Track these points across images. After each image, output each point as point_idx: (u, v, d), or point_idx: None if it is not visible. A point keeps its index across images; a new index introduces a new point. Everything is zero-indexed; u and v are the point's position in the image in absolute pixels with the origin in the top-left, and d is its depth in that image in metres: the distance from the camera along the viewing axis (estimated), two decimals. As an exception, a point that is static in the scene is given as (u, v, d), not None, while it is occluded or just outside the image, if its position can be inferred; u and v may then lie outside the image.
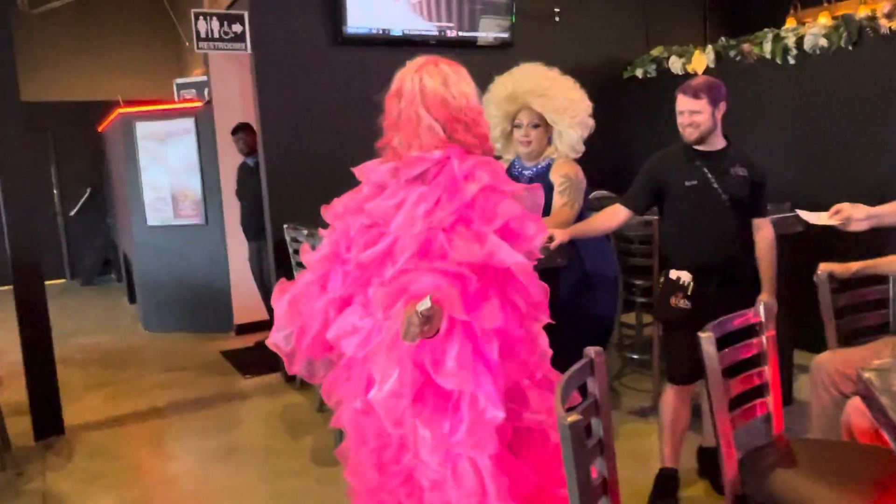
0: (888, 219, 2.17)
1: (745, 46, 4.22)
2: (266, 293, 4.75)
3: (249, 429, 3.67)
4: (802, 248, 3.27)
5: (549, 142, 3.06)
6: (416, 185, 1.76)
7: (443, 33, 4.46)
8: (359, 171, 1.95)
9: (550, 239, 2.58)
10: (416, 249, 1.63)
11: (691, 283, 2.48)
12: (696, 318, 2.27)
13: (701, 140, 2.56)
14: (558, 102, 2.97)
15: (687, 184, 2.54)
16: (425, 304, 1.46)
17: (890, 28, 3.55)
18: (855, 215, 2.11)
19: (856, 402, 1.73)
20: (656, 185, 2.63)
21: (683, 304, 2.47)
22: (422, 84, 1.88)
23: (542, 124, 2.99)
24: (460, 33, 4.52)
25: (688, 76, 4.49)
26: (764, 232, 2.57)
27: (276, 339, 1.90)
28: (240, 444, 3.44)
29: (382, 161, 1.90)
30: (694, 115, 2.55)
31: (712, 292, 2.45)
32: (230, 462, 3.25)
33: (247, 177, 4.87)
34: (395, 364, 1.60)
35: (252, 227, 4.85)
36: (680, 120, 2.60)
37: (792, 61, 4.01)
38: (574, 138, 3.03)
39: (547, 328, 2.49)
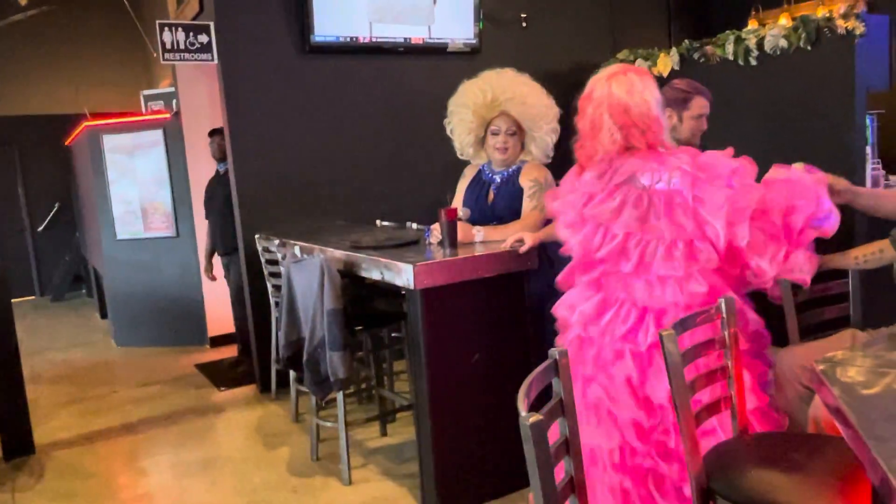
0: (863, 199, 2.25)
1: (709, 48, 4.29)
2: (242, 309, 4.62)
3: (225, 441, 3.64)
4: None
5: (522, 147, 3.09)
6: (625, 188, 2.07)
7: (409, 40, 4.47)
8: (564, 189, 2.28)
9: (521, 243, 2.62)
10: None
11: None
12: None
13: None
14: (537, 109, 3.01)
15: None
16: None
17: (846, 28, 3.63)
18: (837, 185, 2.17)
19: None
20: None
21: None
22: (609, 91, 2.10)
23: (518, 131, 3.02)
24: (429, 40, 4.54)
25: (655, 78, 4.55)
26: None
27: None
28: (215, 458, 3.41)
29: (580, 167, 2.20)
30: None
31: None
32: (206, 476, 3.22)
33: (218, 187, 4.73)
34: None
35: (227, 239, 4.61)
36: (699, 123, 2.83)
37: (754, 62, 4.08)
38: (548, 144, 3.08)
39: (518, 330, 2.55)
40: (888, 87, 3.84)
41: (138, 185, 5.36)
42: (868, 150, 3.74)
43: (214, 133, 4.68)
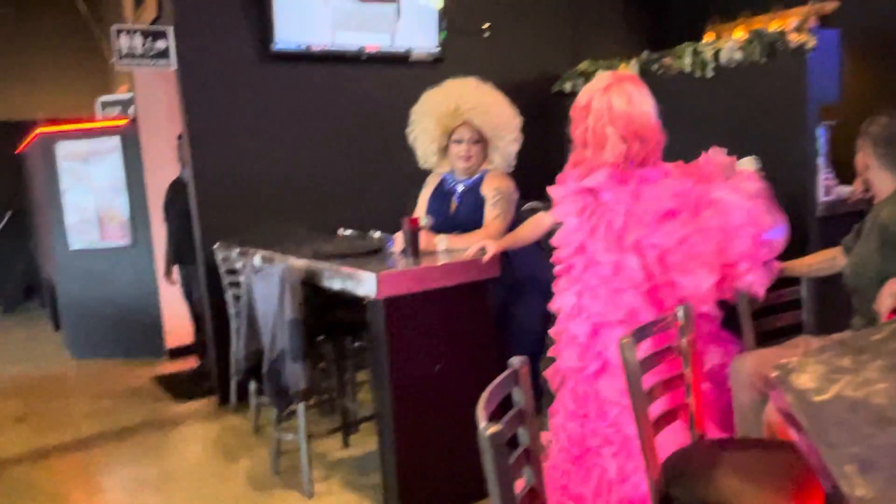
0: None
1: (667, 60, 4.37)
2: (199, 320, 4.51)
3: (183, 455, 3.55)
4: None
5: (485, 156, 3.11)
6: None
7: (370, 49, 4.46)
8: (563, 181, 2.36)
9: (483, 252, 2.63)
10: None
11: None
12: None
13: None
14: (500, 118, 3.03)
15: None
16: None
17: (798, 42, 3.74)
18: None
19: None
20: None
21: None
22: (609, 103, 2.15)
23: (482, 140, 3.03)
24: (392, 48, 4.53)
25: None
26: None
27: None
28: (173, 472, 3.33)
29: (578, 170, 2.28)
30: None
31: None
32: (163, 491, 3.13)
33: (184, 193, 4.44)
34: None
35: (187, 248, 4.40)
36: None
37: (710, 74, 4.17)
38: (511, 153, 3.10)
39: (481, 338, 2.58)
40: (839, 100, 3.96)
41: (94, 193, 5.22)
42: (820, 160, 3.84)
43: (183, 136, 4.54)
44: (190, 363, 4.87)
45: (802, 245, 3.29)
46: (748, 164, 2.17)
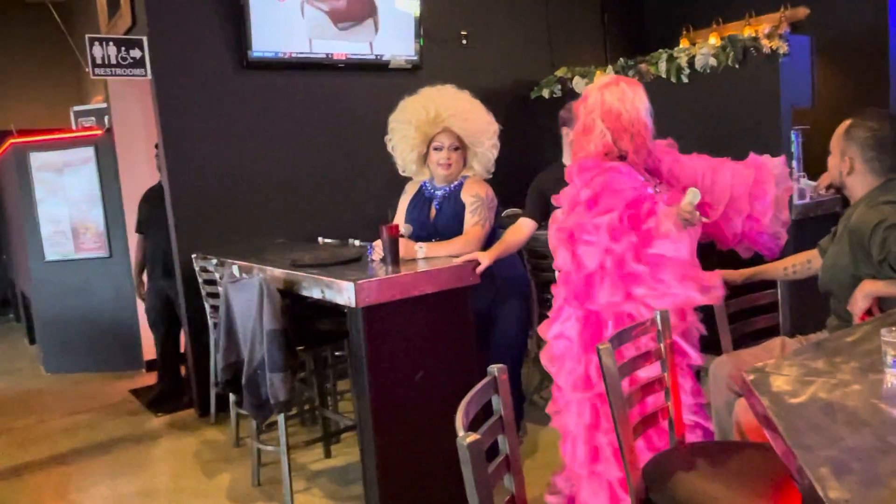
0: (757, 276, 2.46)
1: (643, 66, 4.42)
2: (172, 336, 4.38)
3: (162, 470, 3.50)
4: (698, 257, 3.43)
5: (464, 163, 3.11)
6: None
7: (347, 56, 4.45)
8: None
9: (477, 264, 2.65)
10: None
11: None
12: None
13: None
14: (478, 125, 3.04)
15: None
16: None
17: (771, 48, 3.80)
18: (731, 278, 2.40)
19: (743, 401, 1.81)
20: (542, 196, 2.88)
21: None
22: (602, 99, 2.33)
23: (461, 147, 3.04)
24: (369, 56, 4.53)
25: (591, 95, 4.66)
26: None
27: None
28: (152, 488, 3.27)
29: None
30: None
31: None
32: (140, 507, 3.09)
33: (162, 201, 4.27)
34: None
35: (162, 263, 4.26)
36: None
37: (685, 80, 4.22)
38: (490, 159, 3.12)
39: (461, 346, 2.59)
40: (811, 105, 4.03)
41: (68, 204, 5.15)
42: (794, 164, 3.90)
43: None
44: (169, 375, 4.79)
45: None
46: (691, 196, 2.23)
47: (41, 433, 4.12)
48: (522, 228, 2.92)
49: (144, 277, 4.50)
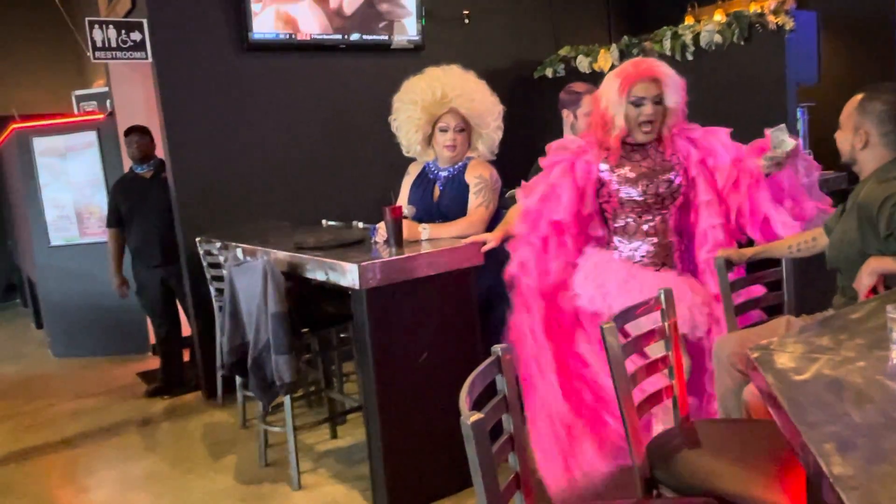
0: (762, 254, 2.46)
1: (647, 44, 4.37)
2: (173, 328, 4.35)
3: (169, 452, 3.53)
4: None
5: (469, 145, 3.09)
6: None
7: (347, 37, 4.41)
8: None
9: (483, 244, 2.66)
10: None
11: None
12: None
13: None
14: (484, 106, 3.01)
15: None
16: None
17: (777, 24, 3.75)
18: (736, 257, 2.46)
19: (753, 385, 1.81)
20: None
21: None
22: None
23: (466, 128, 3.02)
24: (369, 37, 4.49)
25: (595, 74, 4.62)
26: None
27: None
28: (160, 470, 3.31)
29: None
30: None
31: None
32: (150, 489, 3.12)
33: (145, 189, 4.24)
34: None
35: (159, 250, 4.19)
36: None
37: (690, 57, 4.18)
38: (494, 141, 3.10)
39: (466, 327, 2.60)
40: (817, 81, 3.98)
41: (72, 189, 5.15)
42: (799, 142, 3.87)
43: (130, 132, 4.25)
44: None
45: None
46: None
47: (49, 417, 4.16)
48: None
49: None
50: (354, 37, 4.42)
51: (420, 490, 2.66)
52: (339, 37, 4.38)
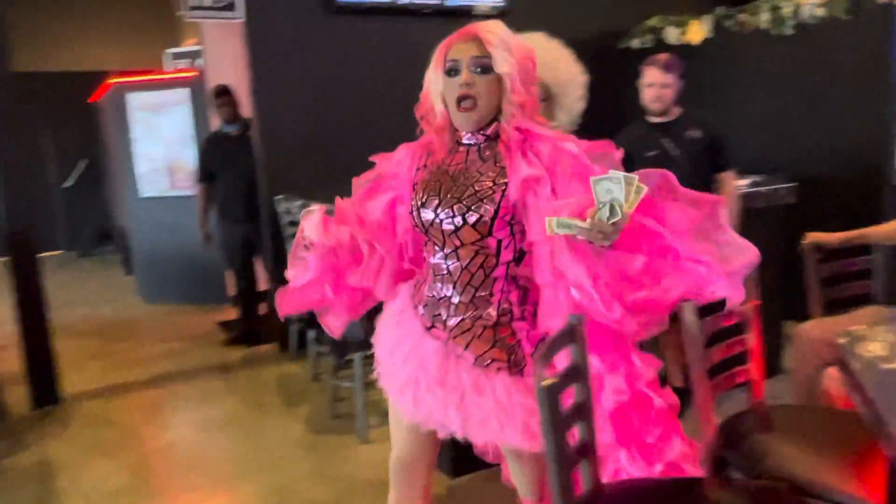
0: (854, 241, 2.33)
1: (742, 16, 4.18)
2: (251, 282, 4.52)
3: (245, 398, 3.71)
4: (792, 218, 3.28)
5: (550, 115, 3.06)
6: None
7: (436, 2, 4.40)
8: None
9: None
10: None
11: None
12: None
13: (663, 112, 2.96)
14: (568, 75, 2.98)
15: (647, 154, 2.91)
16: None
17: (887, -2, 3.51)
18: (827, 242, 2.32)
19: (832, 371, 1.76)
20: (625, 153, 2.80)
21: None
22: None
23: (548, 97, 2.99)
24: (454, 2, 4.47)
25: (684, 46, 4.45)
26: (726, 187, 2.90)
27: None
28: (234, 414, 3.49)
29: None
30: (665, 88, 2.92)
31: None
32: (226, 431, 3.30)
33: (233, 148, 4.39)
34: None
35: (243, 207, 4.34)
36: (649, 93, 2.96)
37: (789, 31, 3.97)
38: (577, 111, 3.05)
39: None
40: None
41: (163, 144, 5.39)
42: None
43: (221, 93, 4.40)
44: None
45: (877, 213, 3.15)
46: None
47: (136, 357, 4.43)
48: None
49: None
50: (435, 1, 4.42)
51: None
52: (423, 1, 4.38)
